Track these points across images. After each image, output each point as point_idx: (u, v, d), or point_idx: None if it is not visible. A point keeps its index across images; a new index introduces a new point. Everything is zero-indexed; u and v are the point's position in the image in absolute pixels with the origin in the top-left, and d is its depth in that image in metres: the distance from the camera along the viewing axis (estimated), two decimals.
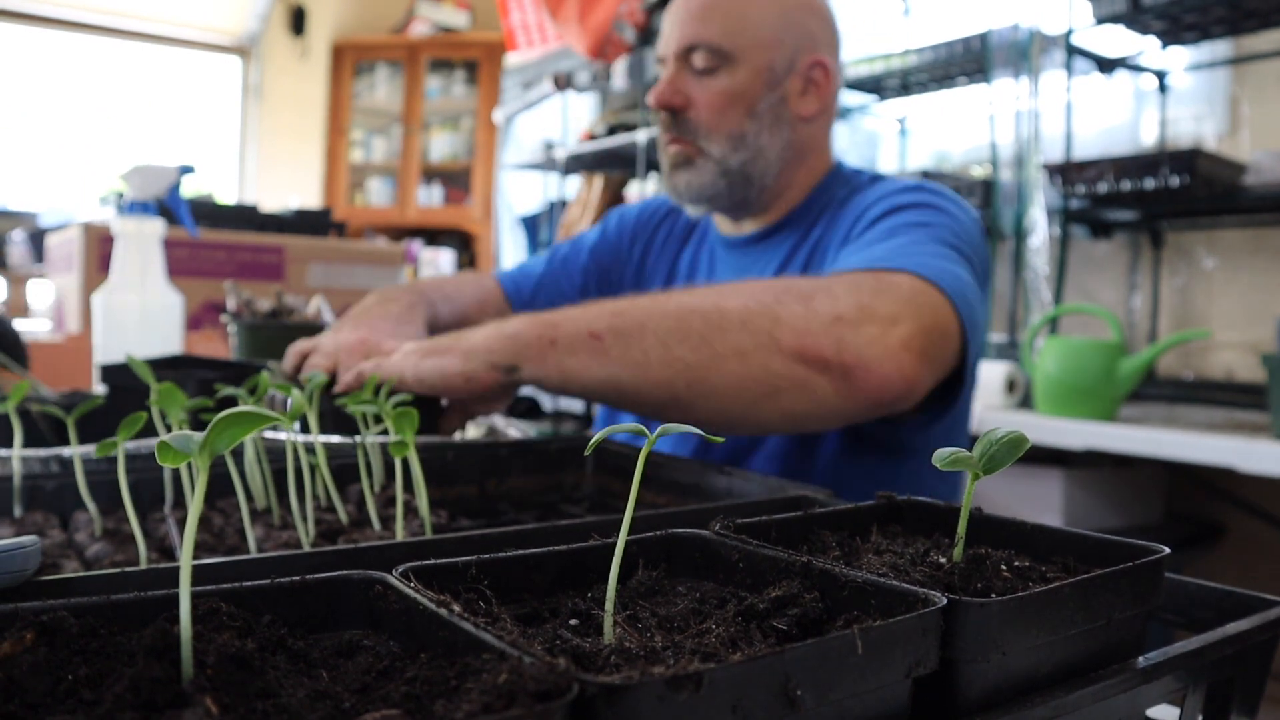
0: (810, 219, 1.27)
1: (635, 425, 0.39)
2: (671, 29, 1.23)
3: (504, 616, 0.37)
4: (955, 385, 1.04)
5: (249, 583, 0.40)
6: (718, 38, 1.19)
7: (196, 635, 0.35)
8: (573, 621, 0.39)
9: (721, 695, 0.30)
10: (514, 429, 1.31)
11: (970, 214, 1.17)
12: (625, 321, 0.93)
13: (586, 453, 0.40)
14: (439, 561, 0.41)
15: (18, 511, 0.70)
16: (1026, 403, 2.12)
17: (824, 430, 1.14)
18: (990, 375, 2.11)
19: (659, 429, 0.39)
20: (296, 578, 0.41)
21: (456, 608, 0.36)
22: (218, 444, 0.35)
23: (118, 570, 0.48)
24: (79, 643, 0.36)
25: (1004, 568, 0.41)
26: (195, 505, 0.35)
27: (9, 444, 0.73)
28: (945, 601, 0.35)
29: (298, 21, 5.50)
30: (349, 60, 5.73)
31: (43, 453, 0.77)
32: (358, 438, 0.79)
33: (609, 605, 0.38)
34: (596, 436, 0.40)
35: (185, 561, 0.34)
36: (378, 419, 0.79)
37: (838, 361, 0.91)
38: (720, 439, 0.41)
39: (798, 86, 1.22)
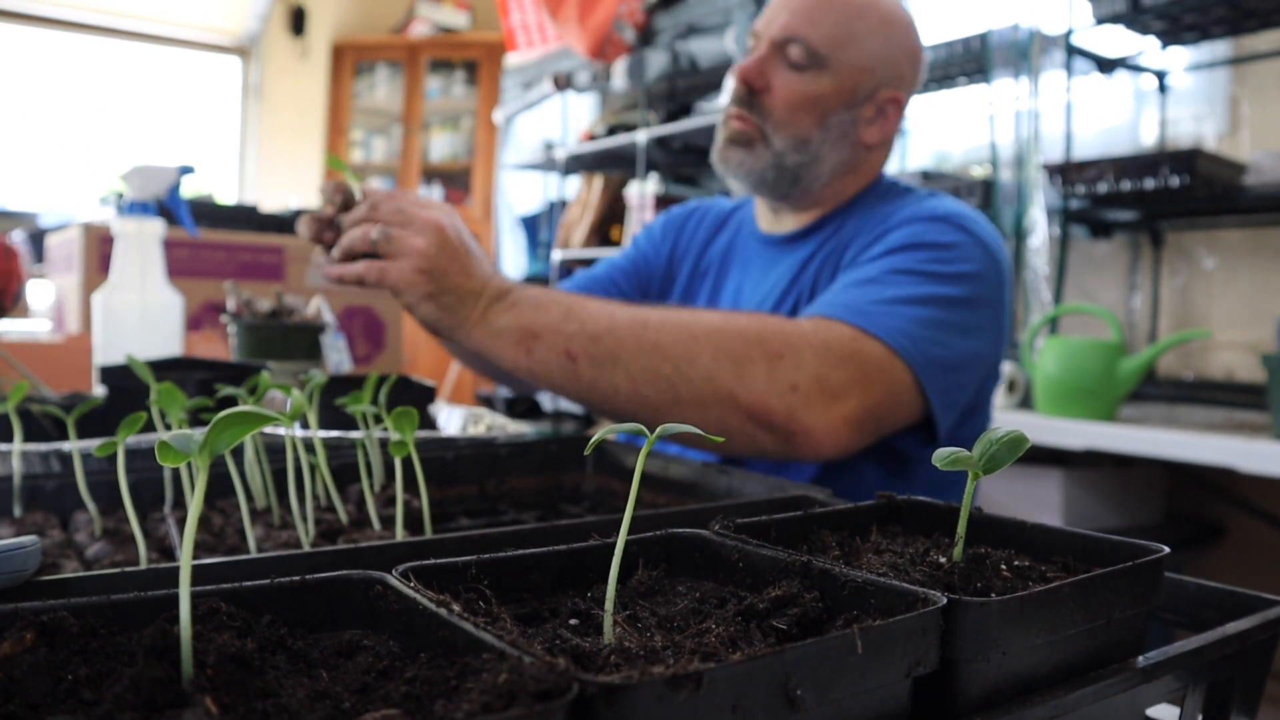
0: (841, 222, 1.30)
1: (635, 426, 0.39)
2: (777, 11, 1.24)
3: (504, 616, 0.37)
4: (929, 426, 1.12)
5: (249, 583, 0.40)
6: (819, 41, 1.20)
7: (196, 635, 0.35)
8: (572, 621, 0.39)
9: (721, 695, 0.30)
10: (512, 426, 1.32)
11: (990, 251, 1.17)
12: (600, 350, 0.99)
13: (586, 452, 0.40)
14: (438, 561, 0.41)
15: (18, 511, 0.70)
16: (1026, 403, 2.12)
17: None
18: None
19: (658, 430, 0.39)
20: (296, 578, 0.41)
21: (456, 607, 0.36)
22: (218, 444, 0.35)
23: (118, 570, 0.48)
24: (79, 643, 0.36)
25: (1004, 567, 0.41)
26: (195, 505, 0.35)
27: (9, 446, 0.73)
28: (945, 601, 0.35)
29: (298, 21, 5.50)
30: (349, 60, 5.73)
31: (43, 447, 0.77)
32: (358, 435, 0.79)
33: (609, 605, 0.37)
34: (596, 436, 0.40)
35: (185, 561, 0.34)
36: (377, 419, 0.79)
37: (784, 427, 1.00)
38: (720, 439, 0.41)
39: (869, 114, 1.25)
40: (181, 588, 0.34)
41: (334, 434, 0.90)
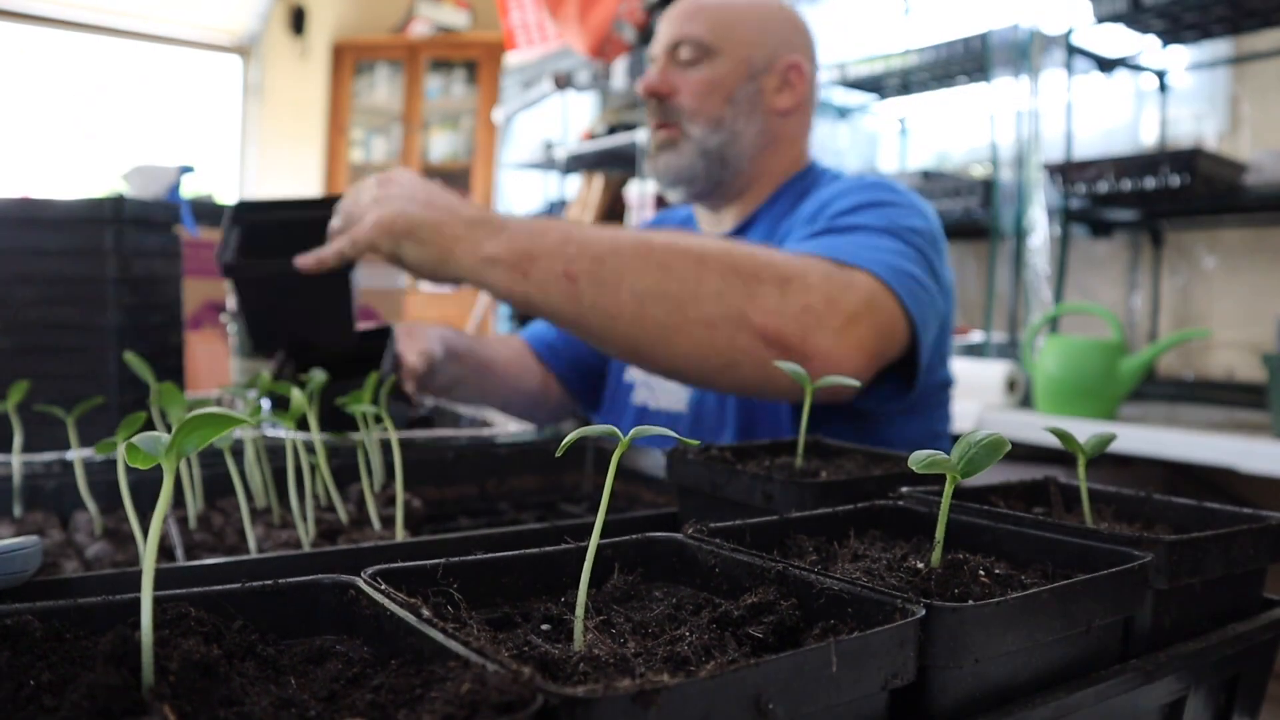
0: (779, 212, 1.34)
1: (609, 428, 0.39)
2: (663, 30, 1.35)
3: (472, 622, 0.36)
4: (909, 366, 1.11)
5: (219, 586, 0.40)
6: (701, 33, 1.30)
7: (162, 641, 0.34)
8: (544, 626, 0.39)
9: (690, 709, 0.29)
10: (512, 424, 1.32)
11: (928, 214, 1.21)
12: (604, 270, 0.95)
13: (558, 454, 0.39)
14: (407, 565, 0.40)
15: (18, 511, 0.70)
16: (1027, 402, 2.11)
17: (767, 400, 1.20)
18: (991, 375, 2.10)
19: (632, 431, 0.38)
20: (269, 582, 0.40)
21: (426, 612, 0.35)
22: (184, 446, 0.35)
23: (118, 570, 0.47)
24: (42, 647, 0.35)
25: (982, 573, 0.40)
26: (160, 508, 0.34)
27: (9, 444, 0.73)
28: (924, 612, 0.34)
29: (298, 21, 5.50)
30: (349, 60, 5.72)
31: (46, 458, 0.77)
32: (357, 436, 0.79)
33: (579, 610, 0.37)
34: (567, 439, 0.39)
35: (148, 565, 0.34)
36: (378, 419, 0.79)
37: (800, 349, 0.96)
38: (695, 443, 0.40)
39: (774, 83, 1.32)
40: (144, 592, 0.33)
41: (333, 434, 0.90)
